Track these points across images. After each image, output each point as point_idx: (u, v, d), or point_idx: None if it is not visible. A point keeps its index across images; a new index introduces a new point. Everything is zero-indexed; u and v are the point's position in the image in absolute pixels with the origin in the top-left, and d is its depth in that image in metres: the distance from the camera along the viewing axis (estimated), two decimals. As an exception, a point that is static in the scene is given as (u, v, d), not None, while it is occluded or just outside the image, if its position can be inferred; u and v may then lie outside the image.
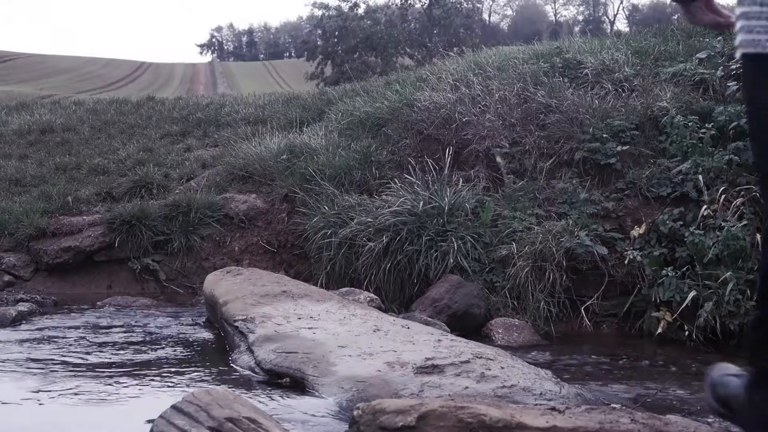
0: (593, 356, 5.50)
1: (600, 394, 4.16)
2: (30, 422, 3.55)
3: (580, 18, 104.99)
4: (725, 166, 6.54)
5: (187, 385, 4.14)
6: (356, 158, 8.15)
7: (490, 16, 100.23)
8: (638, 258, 6.26)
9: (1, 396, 3.85)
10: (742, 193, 6.30)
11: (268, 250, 8.07)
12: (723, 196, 6.30)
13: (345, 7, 47.86)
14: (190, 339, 5.57)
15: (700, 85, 7.84)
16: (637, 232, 6.48)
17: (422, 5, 49.03)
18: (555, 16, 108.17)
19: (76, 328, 5.91)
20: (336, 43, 47.59)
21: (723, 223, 6.05)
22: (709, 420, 3.70)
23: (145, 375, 4.40)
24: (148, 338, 5.57)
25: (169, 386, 4.17)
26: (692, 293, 5.79)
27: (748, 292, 5.60)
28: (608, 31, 68.90)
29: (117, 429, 3.51)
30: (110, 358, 4.85)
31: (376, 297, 6.31)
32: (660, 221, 6.41)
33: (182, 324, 6.18)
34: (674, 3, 2.78)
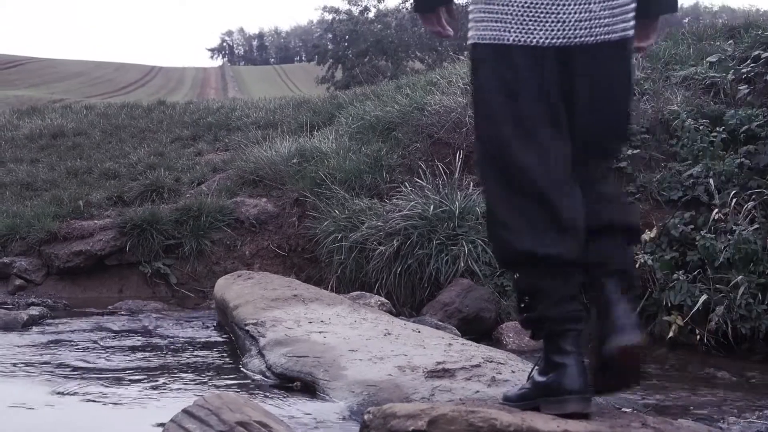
0: (604, 360, 5.49)
1: (611, 398, 4.15)
2: (41, 425, 3.55)
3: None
4: (736, 169, 6.52)
5: (198, 389, 4.15)
6: (367, 162, 8.15)
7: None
8: (649, 262, 6.24)
9: (13, 399, 3.86)
10: (754, 196, 6.28)
11: (279, 254, 8.08)
12: (734, 200, 6.28)
13: (355, 11, 47.87)
14: (201, 343, 5.57)
15: (710, 88, 7.83)
16: (648, 235, 6.46)
17: (433, 9, 49.05)
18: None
19: (88, 331, 5.92)
20: (346, 47, 47.59)
21: (734, 227, 6.04)
22: (721, 425, 3.70)
23: (156, 379, 4.41)
24: (159, 342, 5.58)
25: (180, 390, 4.18)
26: (703, 297, 5.76)
27: (760, 295, 5.58)
28: (619, 34, 68.94)
29: (128, 433, 3.52)
30: (121, 362, 4.85)
31: (386, 301, 6.32)
32: (671, 225, 6.40)
33: (193, 328, 6.19)
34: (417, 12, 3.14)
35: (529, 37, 2.77)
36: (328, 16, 49.68)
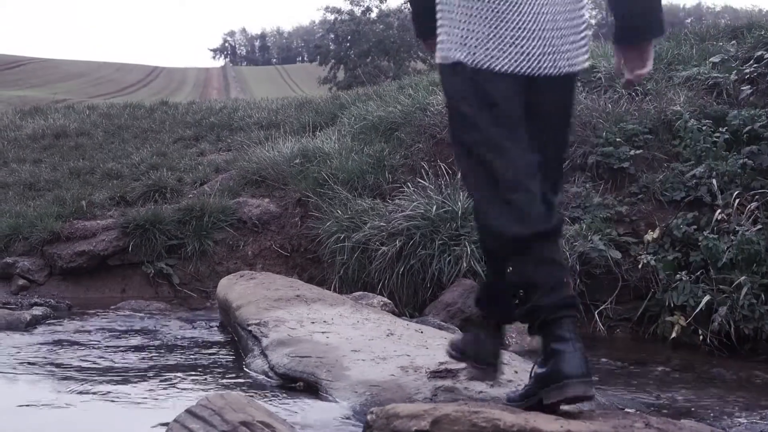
0: (607, 360, 5.49)
1: (614, 398, 4.15)
2: (45, 425, 3.56)
3: (593, 22, 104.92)
4: (739, 170, 6.52)
5: (201, 389, 4.15)
6: (369, 162, 8.16)
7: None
8: (652, 262, 6.24)
9: (17, 399, 3.86)
10: (757, 197, 6.29)
11: (282, 254, 8.08)
12: (737, 200, 6.29)
13: (357, 11, 47.87)
14: (204, 343, 5.57)
15: (713, 89, 7.83)
16: (650, 236, 6.46)
17: (435, 9, 49.04)
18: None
19: (91, 331, 5.93)
20: (348, 47, 47.59)
21: (737, 228, 6.04)
22: (724, 425, 3.70)
23: (159, 379, 4.41)
24: (161, 342, 5.58)
25: (183, 390, 4.18)
26: (706, 298, 5.77)
27: (763, 296, 5.58)
28: (621, 34, 68.93)
29: (131, 433, 3.52)
30: (124, 362, 4.85)
31: (389, 301, 6.31)
32: (674, 225, 6.40)
33: (196, 328, 6.19)
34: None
35: (494, 63, 2.97)
36: (331, 17, 49.68)
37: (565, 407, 2.87)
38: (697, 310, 5.77)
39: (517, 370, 3.94)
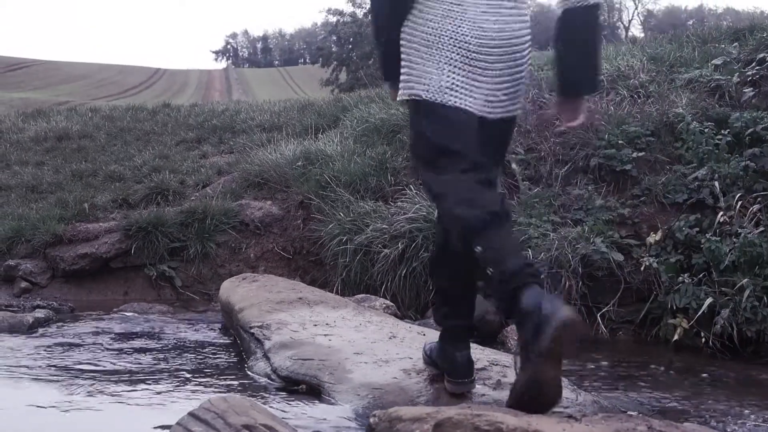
0: (609, 363, 5.49)
1: (616, 401, 4.15)
2: (47, 427, 3.56)
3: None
4: (741, 172, 6.52)
5: (204, 392, 4.15)
6: (371, 165, 8.16)
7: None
8: (654, 265, 6.24)
9: (19, 401, 3.87)
10: (759, 199, 6.29)
11: (284, 256, 8.09)
12: (739, 203, 6.28)
13: (359, 13, 47.88)
14: (206, 346, 5.58)
15: (716, 91, 7.83)
16: (653, 238, 6.46)
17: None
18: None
19: (93, 334, 5.93)
20: (351, 49, 47.62)
21: (739, 230, 6.03)
22: (727, 428, 3.70)
23: (162, 382, 4.41)
24: (164, 345, 5.58)
25: (185, 393, 4.18)
26: (709, 300, 5.76)
27: (765, 298, 5.58)
28: (623, 37, 68.82)
29: (134, 436, 3.53)
30: (126, 365, 4.86)
31: (391, 304, 6.31)
32: (676, 228, 6.40)
33: (198, 331, 6.19)
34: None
35: (449, 99, 3.48)
36: (332, 19, 49.76)
37: (568, 411, 2.88)
38: (700, 312, 5.77)
39: (519, 373, 3.94)
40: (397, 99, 3.73)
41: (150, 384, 4.34)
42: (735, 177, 6.53)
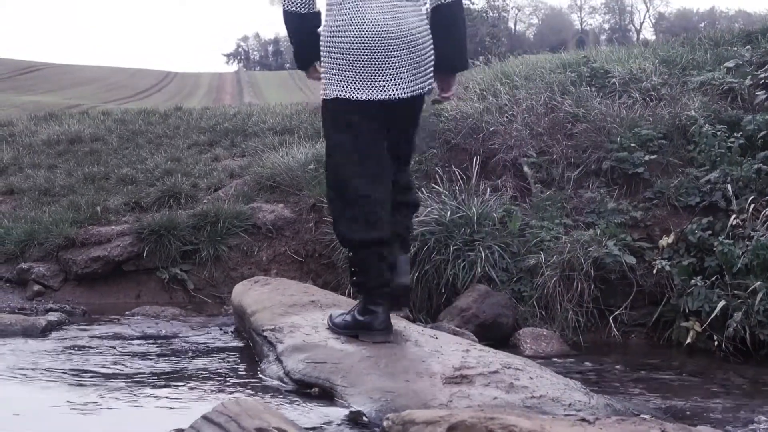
0: (622, 366, 5.49)
1: (629, 404, 4.14)
2: (58, 430, 3.57)
3: (606, 27, 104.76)
4: (754, 175, 6.51)
5: (217, 395, 4.16)
6: (383, 168, 8.15)
7: (515, 24, 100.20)
8: (667, 268, 6.23)
9: (32, 405, 3.88)
10: (772, 202, 6.29)
11: (296, 259, 8.09)
12: (752, 206, 6.28)
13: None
14: (219, 349, 5.58)
15: (728, 94, 7.83)
16: (665, 241, 6.45)
17: (448, 14, 48.99)
18: (581, 24, 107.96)
19: (106, 337, 5.94)
20: (362, 52, 47.61)
21: (752, 233, 6.03)
22: (742, 430, 3.69)
23: (175, 385, 4.42)
24: (177, 348, 5.59)
25: (198, 396, 4.19)
26: (721, 303, 5.76)
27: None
28: (635, 39, 68.71)
29: (147, 439, 3.54)
30: (139, 368, 4.87)
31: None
32: (689, 231, 6.39)
33: (211, 334, 6.20)
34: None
35: (361, 95, 4.40)
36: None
37: (581, 414, 2.88)
38: (712, 315, 5.77)
39: (532, 377, 3.94)
40: (320, 97, 4.60)
41: (163, 387, 4.35)
42: (748, 180, 6.53)
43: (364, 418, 3.59)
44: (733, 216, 6.28)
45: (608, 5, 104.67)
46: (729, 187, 6.51)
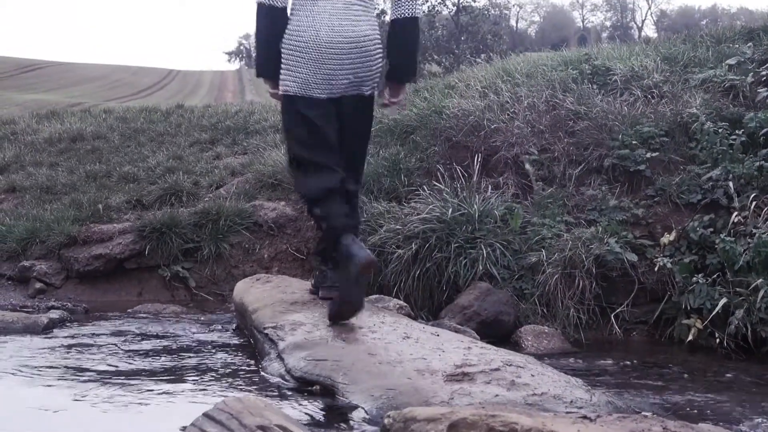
0: (623, 363, 5.49)
1: (631, 402, 4.14)
2: (62, 428, 3.57)
3: (608, 24, 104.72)
4: (756, 172, 6.51)
5: (218, 393, 4.16)
6: (385, 165, 8.15)
7: (517, 22, 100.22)
8: (668, 265, 6.23)
9: (33, 403, 3.88)
10: (773, 199, 6.28)
11: (298, 257, 8.09)
12: (754, 203, 6.27)
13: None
14: (220, 346, 5.58)
15: (730, 91, 7.82)
16: (667, 239, 6.46)
17: (449, 12, 48.96)
18: (582, 22, 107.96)
19: (107, 335, 5.94)
20: (363, 50, 47.52)
21: (754, 230, 6.03)
22: (742, 428, 3.69)
23: (176, 382, 4.42)
24: (178, 345, 5.59)
25: (200, 394, 4.19)
26: (723, 300, 5.76)
27: (780, 299, 5.57)
28: (636, 37, 68.62)
29: (148, 436, 3.54)
30: (141, 366, 4.87)
31: (405, 304, 6.30)
32: (690, 228, 6.39)
33: (212, 331, 6.20)
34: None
35: (314, 92, 4.92)
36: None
37: (582, 412, 2.88)
38: (714, 312, 5.77)
39: (533, 374, 3.94)
40: (278, 93, 5.08)
41: (164, 384, 4.35)
42: (749, 177, 6.53)
43: (366, 416, 3.59)
44: (735, 213, 6.28)
45: (610, 3, 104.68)
46: (731, 184, 6.50)
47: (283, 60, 5.00)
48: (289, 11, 5.02)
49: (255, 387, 4.33)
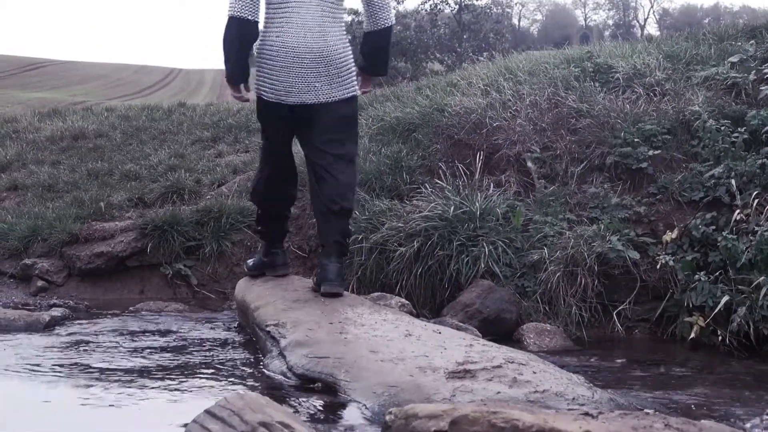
0: (625, 361, 5.49)
1: (633, 399, 4.14)
2: (64, 425, 3.58)
3: (610, 22, 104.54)
4: (758, 170, 6.50)
5: (220, 390, 4.16)
6: (387, 163, 8.15)
7: (519, 20, 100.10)
8: (671, 263, 6.23)
9: (35, 400, 3.89)
10: (776, 197, 6.28)
11: (300, 255, 8.08)
12: (756, 201, 6.27)
13: (375, 12, 47.73)
14: (222, 344, 5.59)
15: (732, 89, 7.81)
16: (669, 236, 6.45)
17: (452, 10, 48.94)
18: (585, 20, 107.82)
19: (109, 333, 5.94)
20: (365, 48, 47.49)
21: (756, 228, 6.02)
22: (745, 426, 3.68)
23: (178, 380, 4.42)
24: (180, 343, 5.59)
25: (201, 391, 4.19)
26: (725, 298, 5.75)
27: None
28: (639, 35, 68.63)
29: (150, 433, 3.54)
30: (143, 363, 4.87)
31: (407, 302, 6.30)
32: (692, 226, 6.39)
33: (214, 329, 6.20)
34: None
35: (275, 97, 5.46)
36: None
37: (584, 409, 2.87)
38: (716, 310, 5.76)
39: (535, 371, 3.94)
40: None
41: (166, 382, 4.35)
42: (752, 175, 6.52)
43: (367, 413, 3.59)
44: (737, 211, 6.27)
45: (612, 1, 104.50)
46: (733, 182, 6.50)
47: (257, 67, 5.52)
48: (262, 23, 5.49)
49: (257, 384, 4.34)
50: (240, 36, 5.44)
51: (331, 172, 5.45)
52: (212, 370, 4.71)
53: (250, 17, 5.37)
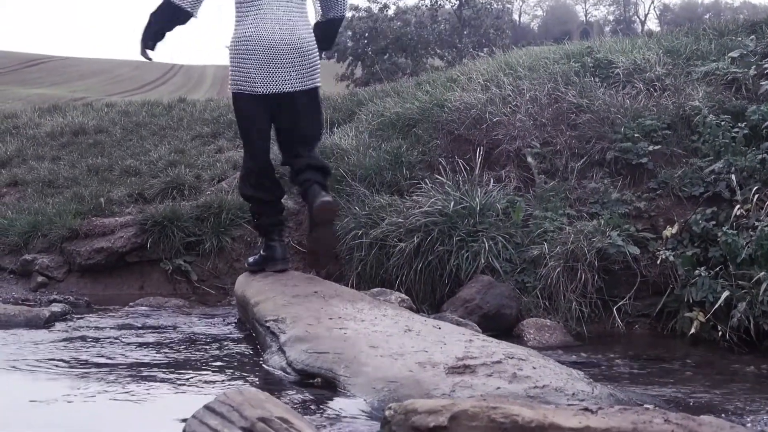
0: (625, 357, 5.48)
1: (633, 394, 4.13)
2: (64, 420, 3.57)
3: (611, 18, 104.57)
4: (758, 165, 6.50)
5: (219, 385, 4.16)
6: (387, 159, 8.14)
7: (520, 16, 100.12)
8: (671, 258, 6.22)
9: (35, 395, 3.88)
10: (776, 192, 6.27)
11: (299, 250, 8.08)
12: (756, 196, 6.27)
13: (375, 8, 47.72)
14: (222, 339, 5.59)
15: (732, 84, 7.81)
16: (669, 232, 6.45)
17: (452, 6, 48.93)
18: (585, 16, 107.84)
19: (109, 328, 5.94)
20: (366, 44, 47.45)
21: (756, 223, 6.02)
22: (744, 421, 3.68)
23: (178, 375, 4.42)
24: (180, 339, 5.59)
25: (201, 386, 4.19)
26: (725, 293, 5.75)
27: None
28: (639, 30, 68.56)
29: (149, 429, 3.53)
30: (142, 358, 4.87)
31: (407, 297, 6.30)
32: (692, 221, 6.38)
33: (214, 324, 6.20)
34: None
35: (254, 90, 5.81)
36: (348, 14, 49.54)
37: (584, 404, 2.87)
38: (716, 305, 5.76)
39: (535, 366, 3.94)
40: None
41: (166, 377, 4.36)
42: (752, 170, 6.52)
43: (367, 408, 3.59)
44: (737, 206, 6.27)
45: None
46: (733, 177, 6.50)
47: (231, 62, 5.89)
48: (234, 19, 5.88)
49: (256, 379, 4.34)
50: (170, 19, 5.94)
51: (301, 149, 6.01)
52: (211, 366, 4.71)
53: (188, 8, 5.88)
